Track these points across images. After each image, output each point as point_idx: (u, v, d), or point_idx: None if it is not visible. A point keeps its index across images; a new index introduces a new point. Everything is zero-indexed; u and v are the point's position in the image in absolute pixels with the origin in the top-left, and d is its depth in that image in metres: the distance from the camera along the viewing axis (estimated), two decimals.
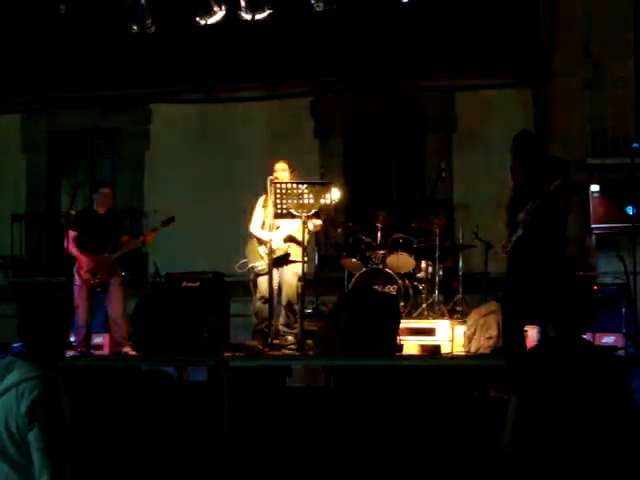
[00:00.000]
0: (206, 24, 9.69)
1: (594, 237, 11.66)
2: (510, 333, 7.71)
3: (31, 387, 3.83)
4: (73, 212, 9.35)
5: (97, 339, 9.56)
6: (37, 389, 3.83)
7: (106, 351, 9.52)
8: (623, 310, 8.79)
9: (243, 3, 9.50)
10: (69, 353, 9.02)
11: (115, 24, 10.86)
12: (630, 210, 9.72)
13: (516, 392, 4.05)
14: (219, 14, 9.54)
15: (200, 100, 13.92)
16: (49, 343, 3.98)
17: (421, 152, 13.36)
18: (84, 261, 9.08)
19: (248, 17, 9.51)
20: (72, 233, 9.17)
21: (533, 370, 4.04)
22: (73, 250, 9.16)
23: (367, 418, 7.32)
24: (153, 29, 9.93)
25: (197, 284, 9.80)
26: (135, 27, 9.91)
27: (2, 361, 3.98)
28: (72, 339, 9.12)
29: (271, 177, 8.85)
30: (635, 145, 9.10)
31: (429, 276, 9.89)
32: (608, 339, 8.41)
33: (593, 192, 11.35)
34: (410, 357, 8.50)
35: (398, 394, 7.41)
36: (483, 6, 12.31)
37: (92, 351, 9.22)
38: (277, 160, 9.13)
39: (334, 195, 8.70)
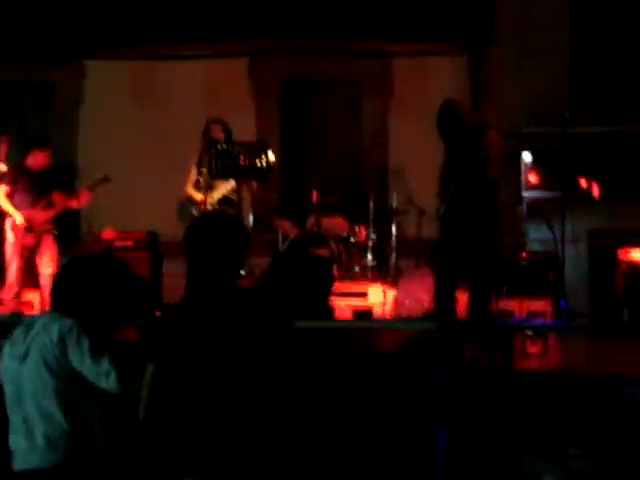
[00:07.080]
0: None
1: (525, 205, 11.82)
2: (442, 298, 7.84)
3: (58, 324, 4.18)
4: (3, 167, 9.22)
5: (28, 296, 9.47)
6: (64, 324, 4.16)
7: (37, 309, 9.44)
8: (551, 277, 8.96)
9: None
10: None
11: None
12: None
13: (152, 359, 3.74)
14: None
15: (135, 57, 13.73)
16: (79, 302, 4.35)
17: (358, 116, 13.39)
18: (17, 218, 8.97)
19: None
20: (4, 189, 9.04)
21: (169, 333, 3.76)
22: (5, 206, 9.04)
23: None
24: None
25: (130, 243, 9.77)
26: None
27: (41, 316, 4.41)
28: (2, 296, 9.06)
29: (207, 137, 8.80)
30: (567, 114, 9.25)
31: (363, 240, 9.98)
32: (537, 304, 8.59)
33: (525, 161, 11.49)
34: (342, 320, 8.58)
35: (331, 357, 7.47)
36: None
37: (23, 308, 9.16)
38: (212, 120, 9.08)
39: (270, 157, 8.71)
